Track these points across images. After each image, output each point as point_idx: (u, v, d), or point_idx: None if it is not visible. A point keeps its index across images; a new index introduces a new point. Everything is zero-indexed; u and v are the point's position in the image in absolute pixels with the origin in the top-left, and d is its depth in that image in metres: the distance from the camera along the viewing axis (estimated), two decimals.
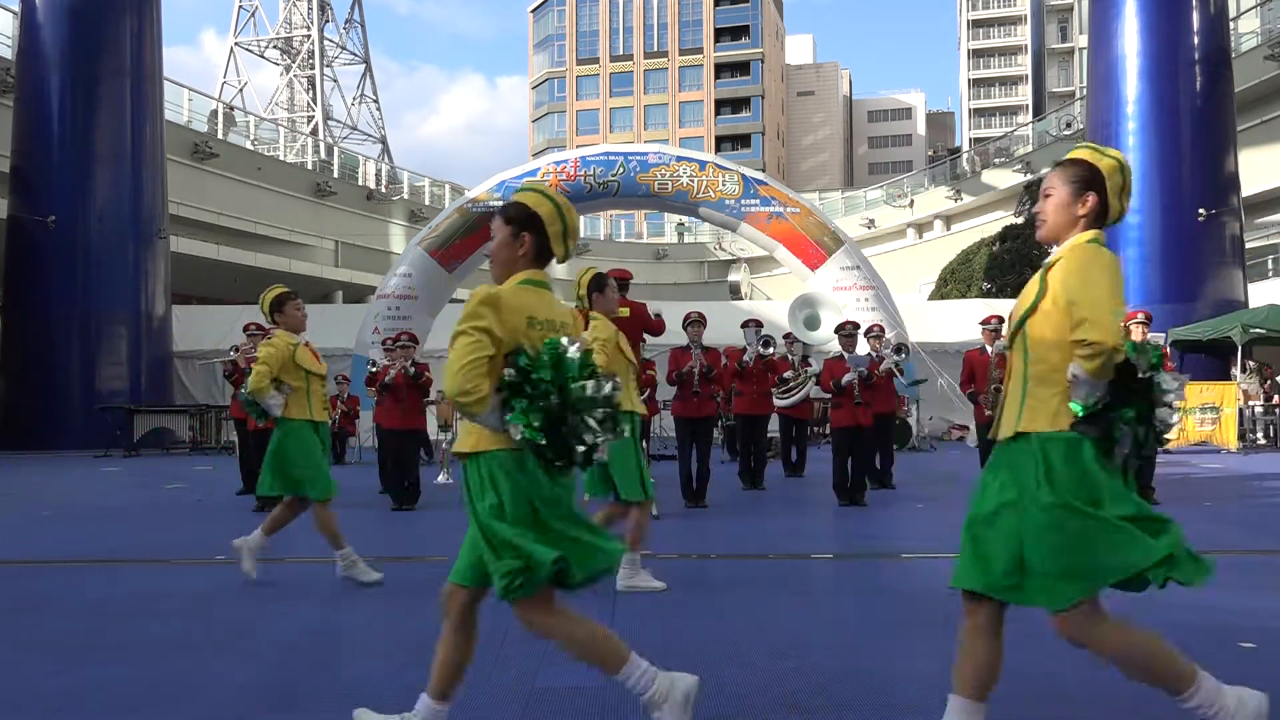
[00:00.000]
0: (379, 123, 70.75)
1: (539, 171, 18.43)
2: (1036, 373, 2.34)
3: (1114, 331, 2.24)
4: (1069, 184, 2.43)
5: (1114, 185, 2.44)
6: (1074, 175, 2.45)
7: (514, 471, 2.49)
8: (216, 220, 27.83)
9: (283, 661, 3.71)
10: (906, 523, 7.84)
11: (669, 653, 3.69)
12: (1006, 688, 3.29)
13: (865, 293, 17.59)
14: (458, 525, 7.50)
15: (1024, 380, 2.37)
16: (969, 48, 77.79)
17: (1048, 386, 2.32)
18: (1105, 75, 19.94)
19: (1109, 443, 2.28)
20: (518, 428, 2.43)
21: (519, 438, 2.44)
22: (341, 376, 15.46)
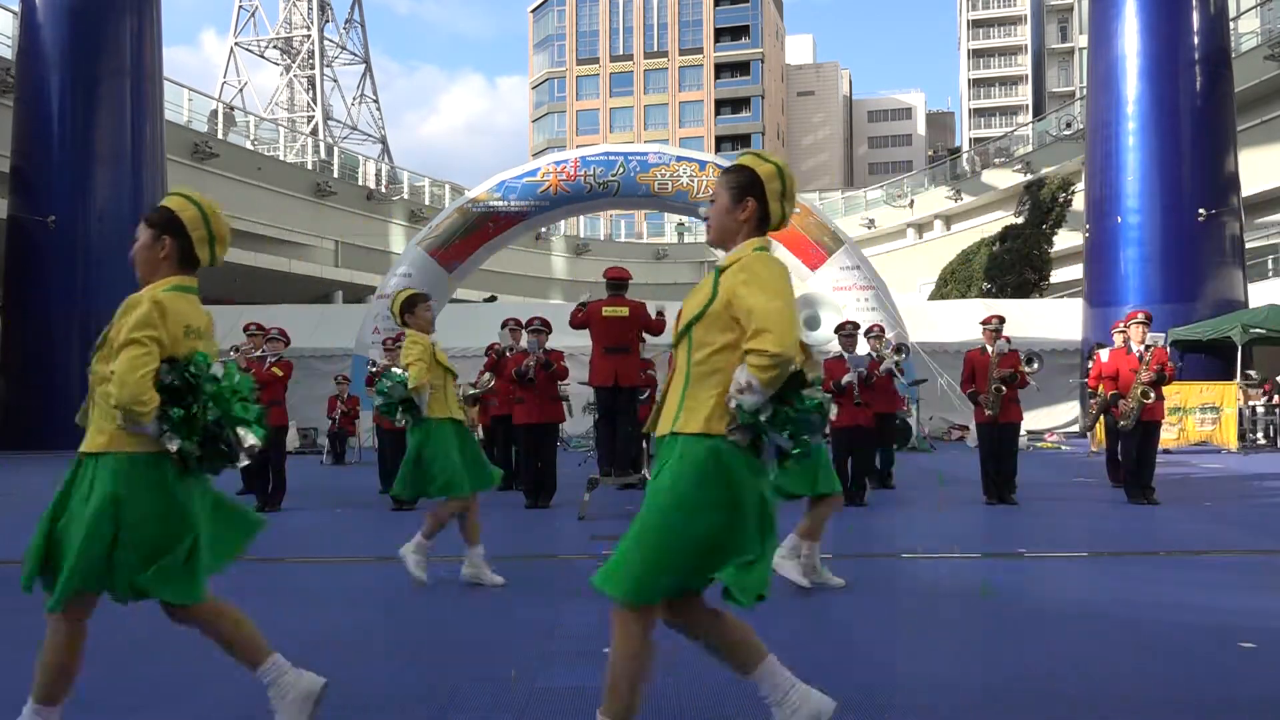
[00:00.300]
0: (379, 123, 70.80)
1: (539, 171, 18.42)
2: (698, 374, 2.38)
3: (791, 342, 2.33)
4: (729, 190, 2.49)
5: (773, 190, 2.49)
6: (734, 181, 2.50)
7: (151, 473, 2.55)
8: None
9: None
10: (906, 523, 7.84)
11: (669, 653, 3.69)
12: (1008, 688, 3.29)
13: (865, 293, 17.58)
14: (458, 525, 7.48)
15: (685, 381, 2.40)
16: (969, 48, 77.79)
17: (707, 389, 2.36)
18: (1105, 75, 19.92)
19: (756, 451, 2.37)
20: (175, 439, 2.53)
21: (174, 447, 2.53)
22: (341, 376, 15.46)
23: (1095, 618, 4.21)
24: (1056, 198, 30.41)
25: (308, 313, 21.67)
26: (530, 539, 7.08)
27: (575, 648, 3.80)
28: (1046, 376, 8.92)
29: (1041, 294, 29.63)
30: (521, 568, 5.86)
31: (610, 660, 2.42)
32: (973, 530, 7.45)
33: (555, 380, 8.98)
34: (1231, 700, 3.13)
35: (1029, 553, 5.87)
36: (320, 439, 16.49)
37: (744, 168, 2.52)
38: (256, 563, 6.08)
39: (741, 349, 2.32)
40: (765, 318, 2.29)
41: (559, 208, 18.77)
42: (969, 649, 3.85)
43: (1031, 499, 8.70)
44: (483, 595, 5.01)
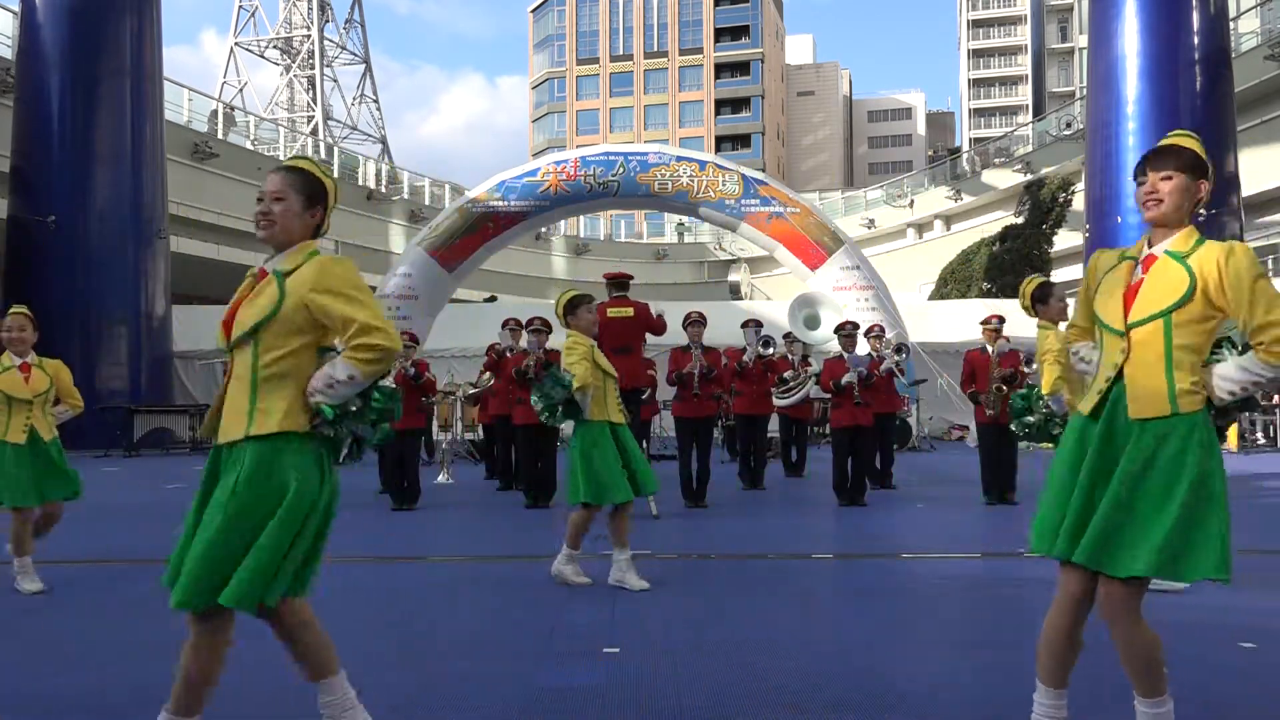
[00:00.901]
0: (379, 123, 70.78)
1: (539, 171, 18.42)
2: (268, 377, 2.39)
3: (395, 333, 2.41)
4: (302, 194, 2.51)
5: (331, 205, 2.59)
6: (308, 187, 2.53)
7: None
8: (216, 220, 27.82)
9: (282, 662, 3.70)
10: (906, 523, 7.84)
11: (669, 653, 3.69)
12: (1008, 688, 3.29)
13: (865, 293, 17.58)
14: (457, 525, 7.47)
15: (253, 385, 2.39)
16: (969, 48, 77.78)
17: (280, 391, 2.39)
18: (1105, 75, 19.93)
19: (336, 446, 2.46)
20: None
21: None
22: None
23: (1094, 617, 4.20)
24: (1056, 198, 30.41)
25: None
26: (530, 539, 7.07)
27: (575, 648, 3.80)
28: None
29: None
30: (521, 568, 5.86)
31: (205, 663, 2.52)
32: (973, 530, 7.45)
33: None
34: (1231, 700, 3.13)
35: (1029, 553, 5.87)
36: None
37: (315, 178, 2.55)
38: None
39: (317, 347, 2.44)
40: (371, 317, 2.37)
41: (559, 208, 18.77)
42: (969, 649, 3.85)
43: (1031, 499, 8.68)
44: (483, 595, 5.01)
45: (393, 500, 8.82)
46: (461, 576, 5.61)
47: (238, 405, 2.40)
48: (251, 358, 2.40)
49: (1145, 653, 2.42)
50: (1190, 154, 2.43)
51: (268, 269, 2.50)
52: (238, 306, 2.45)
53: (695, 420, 8.86)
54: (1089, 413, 2.45)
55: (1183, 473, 2.31)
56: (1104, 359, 2.47)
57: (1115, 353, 2.42)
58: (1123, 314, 2.41)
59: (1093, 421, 2.44)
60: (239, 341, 2.41)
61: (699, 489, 8.72)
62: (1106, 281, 2.50)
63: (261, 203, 2.51)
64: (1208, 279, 2.33)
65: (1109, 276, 2.50)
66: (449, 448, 12.35)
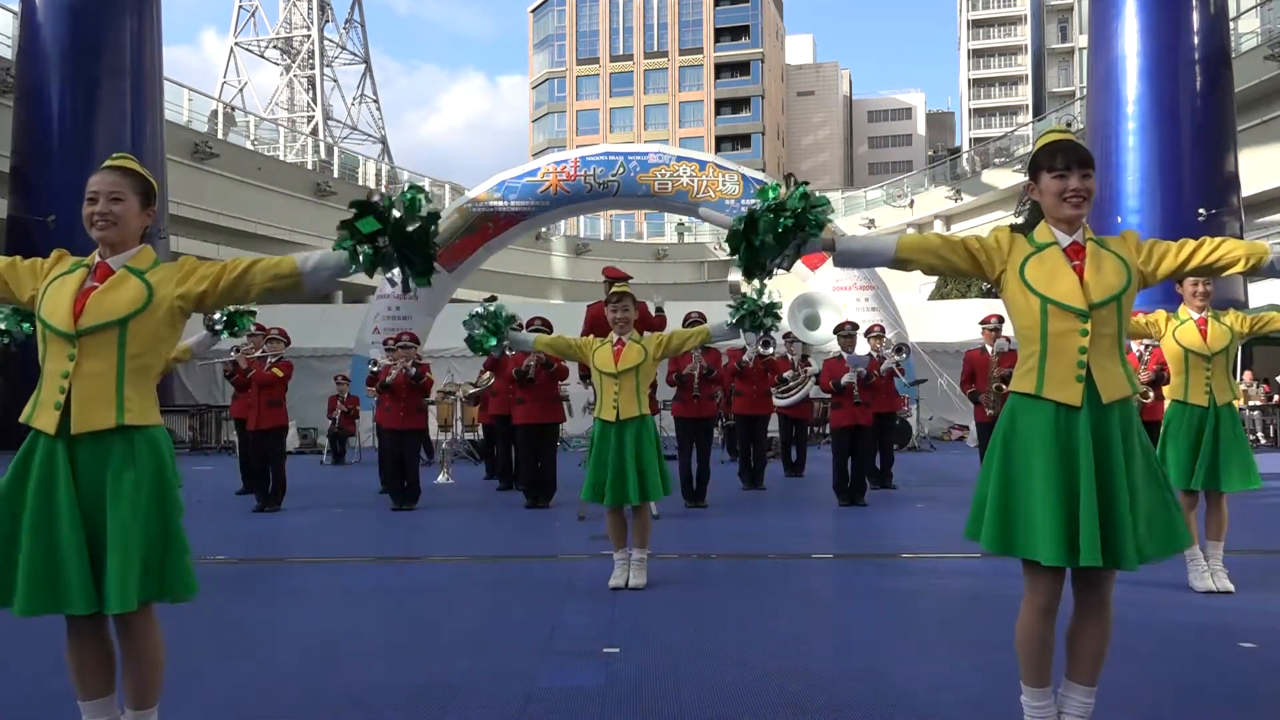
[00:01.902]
0: (379, 123, 70.76)
1: (539, 171, 18.41)
2: (135, 369, 2.43)
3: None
4: (140, 194, 2.54)
5: (155, 209, 2.62)
6: (145, 188, 2.56)
7: None
8: (216, 220, 27.82)
9: (282, 661, 3.71)
10: (906, 523, 7.84)
11: (669, 653, 3.69)
12: (1009, 688, 3.29)
13: (865, 293, 17.58)
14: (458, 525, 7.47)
15: (120, 374, 2.41)
16: (969, 48, 77.75)
17: (144, 380, 2.46)
18: (1105, 75, 19.92)
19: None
20: None
21: None
22: (341, 376, 15.44)
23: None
24: None
25: (308, 313, 21.62)
26: (530, 539, 7.07)
27: (575, 648, 3.80)
28: None
29: None
30: (521, 568, 5.86)
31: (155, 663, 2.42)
32: None
33: (555, 380, 8.99)
34: (1231, 700, 3.13)
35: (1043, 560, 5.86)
36: (320, 439, 16.49)
37: (147, 179, 2.56)
38: (257, 563, 6.10)
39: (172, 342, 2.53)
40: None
41: (559, 208, 18.76)
42: (969, 649, 3.85)
43: None
44: (482, 595, 5.01)
45: (393, 500, 8.82)
46: (461, 576, 5.61)
47: (100, 394, 2.37)
48: (118, 348, 2.39)
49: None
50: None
51: (113, 266, 2.46)
52: (89, 294, 2.39)
53: (695, 420, 8.86)
54: (1069, 401, 2.42)
55: (1149, 452, 2.47)
56: (1053, 342, 2.45)
57: (1073, 334, 2.44)
58: (1081, 294, 2.44)
59: (1073, 410, 2.42)
60: (96, 330, 2.37)
61: (699, 489, 8.72)
62: (1040, 263, 2.51)
63: (96, 202, 2.46)
64: (1130, 257, 2.52)
65: (1039, 257, 2.52)
66: (449, 448, 12.34)
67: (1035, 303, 2.48)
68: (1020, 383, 2.53)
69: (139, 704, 2.43)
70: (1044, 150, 2.55)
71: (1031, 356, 2.50)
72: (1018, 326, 2.56)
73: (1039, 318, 2.48)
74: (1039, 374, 2.47)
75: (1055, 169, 2.52)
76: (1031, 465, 2.43)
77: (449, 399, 13.40)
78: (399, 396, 8.88)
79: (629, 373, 4.94)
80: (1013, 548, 2.46)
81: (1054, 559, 2.37)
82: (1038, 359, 2.48)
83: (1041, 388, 2.46)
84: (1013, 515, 2.46)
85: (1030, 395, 2.48)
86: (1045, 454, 2.42)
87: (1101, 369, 2.43)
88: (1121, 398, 2.44)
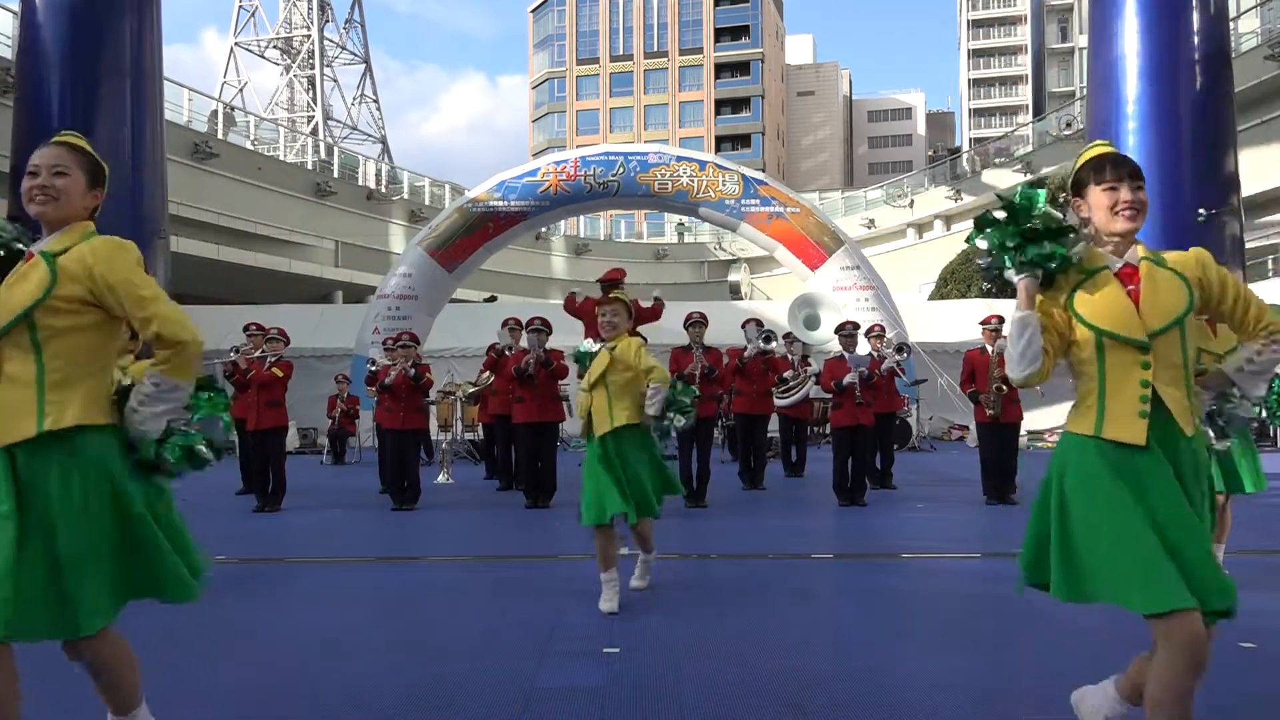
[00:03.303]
0: (379, 123, 70.76)
1: (539, 171, 18.41)
2: (54, 366, 2.17)
3: (194, 326, 2.24)
4: (88, 172, 2.37)
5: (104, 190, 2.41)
6: (93, 166, 2.40)
7: None
8: (216, 220, 27.81)
9: (282, 661, 3.71)
10: (906, 523, 7.84)
11: (669, 653, 3.69)
12: (1008, 688, 3.29)
13: (865, 293, 17.57)
14: (458, 525, 7.47)
15: (39, 376, 2.15)
16: (969, 48, 77.74)
17: (71, 379, 2.17)
18: (1105, 75, 19.91)
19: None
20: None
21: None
22: (341, 376, 15.45)
23: (1095, 617, 4.20)
24: (1056, 198, 30.27)
25: (308, 313, 21.66)
26: (530, 539, 7.07)
27: (575, 648, 3.80)
28: None
29: None
30: (521, 568, 5.86)
31: None
32: (973, 530, 7.45)
33: (555, 379, 8.99)
34: (1231, 700, 3.13)
35: (1185, 608, 5.85)
36: (320, 439, 16.49)
37: (96, 158, 2.38)
38: (257, 563, 6.10)
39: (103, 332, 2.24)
40: (168, 311, 2.22)
41: (559, 208, 18.76)
42: (969, 649, 3.85)
43: (1031, 499, 8.69)
44: (482, 595, 5.01)
45: (393, 500, 8.82)
46: (461, 576, 5.61)
47: (19, 401, 2.12)
48: (31, 348, 2.14)
49: None
50: None
51: (34, 251, 2.24)
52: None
53: (695, 420, 8.85)
54: (1133, 440, 2.20)
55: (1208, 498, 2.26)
56: (1113, 375, 2.24)
57: (1135, 367, 2.22)
58: (1139, 323, 2.22)
59: (1142, 451, 2.20)
60: (7, 329, 2.14)
61: (699, 489, 8.72)
62: (1090, 290, 2.30)
63: (36, 176, 2.25)
64: (1194, 281, 2.29)
65: (1090, 284, 2.30)
66: (449, 448, 12.34)
67: (1089, 336, 2.27)
68: (1077, 423, 2.31)
69: (122, 709, 2.31)
70: (1089, 164, 2.40)
71: (1090, 394, 2.29)
72: (1073, 360, 2.35)
73: (1094, 351, 2.27)
74: (1098, 413, 2.26)
75: (1105, 181, 2.37)
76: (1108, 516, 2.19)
77: (449, 399, 13.40)
78: (399, 397, 8.88)
79: (599, 384, 4.64)
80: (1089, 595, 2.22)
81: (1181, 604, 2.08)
82: (1096, 397, 2.27)
83: (1101, 428, 2.24)
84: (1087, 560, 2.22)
85: (1089, 436, 2.26)
86: (1111, 494, 2.19)
87: (1173, 401, 2.21)
88: (1191, 433, 2.23)
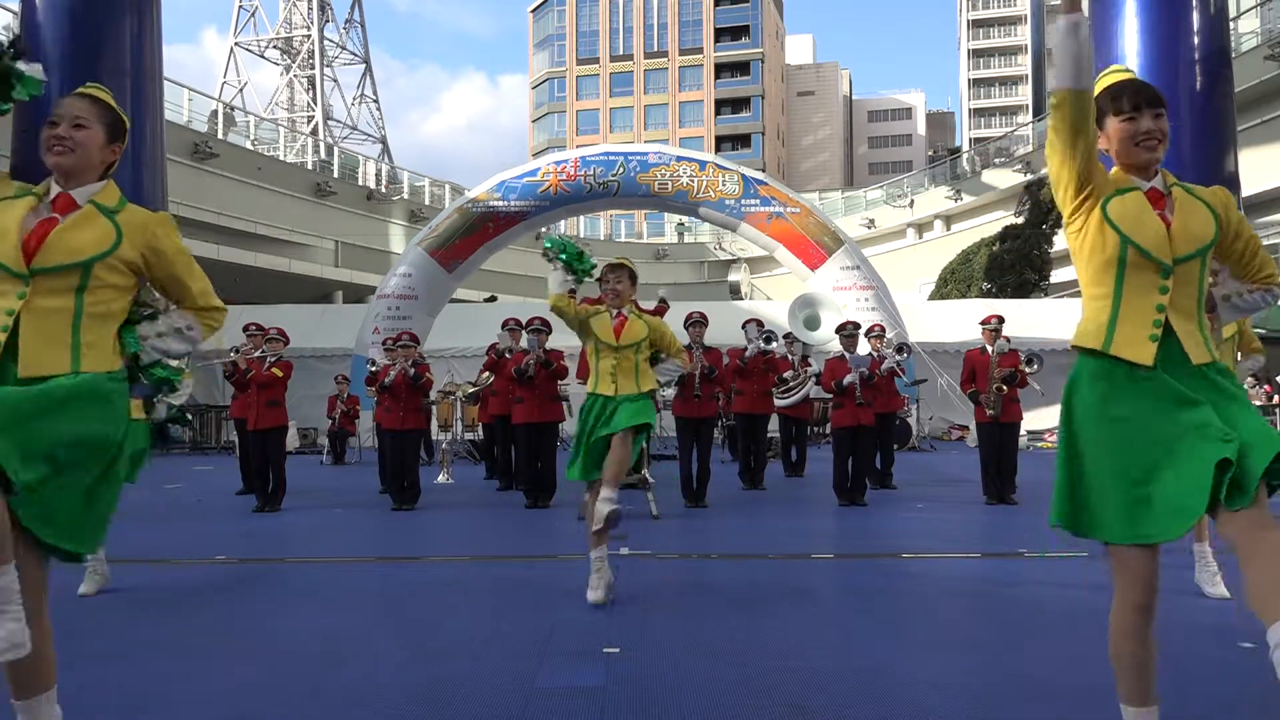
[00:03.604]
0: (379, 123, 70.76)
1: (539, 171, 18.41)
2: (95, 313, 2.20)
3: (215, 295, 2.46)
4: (106, 125, 2.32)
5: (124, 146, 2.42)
6: (113, 118, 2.34)
7: None
8: (216, 220, 27.82)
9: (282, 661, 3.71)
10: (906, 523, 7.84)
11: (669, 653, 3.69)
12: (1008, 688, 3.29)
13: (865, 293, 17.58)
14: (458, 525, 7.47)
15: (77, 318, 2.17)
16: (969, 48, 77.78)
17: (104, 326, 2.22)
18: None
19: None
20: None
21: None
22: (341, 376, 15.45)
23: (1095, 617, 4.20)
24: None
25: (308, 313, 21.67)
26: (530, 539, 7.07)
27: (575, 648, 3.80)
28: (1046, 376, 8.92)
29: (1043, 294, 29.64)
30: (521, 568, 5.86)
31: None
32: (973, 530, 7.45)
33: (555, 380, 8.99)
34: (1232, 700, 3.13)
35: (1029, 553, 5.88)
36: (320, 439, 16.50)
37: (117, 112, 2.35)
38: (257, 563, 6.10)
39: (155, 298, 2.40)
40: (210, 290, 2.45)
41: (559, 208, 18.76)
42: (969, 649, 3.85)
43: (1031, 499, 8.70)
44: (482, 595, 5.01)
45: (393, 500, 8.82)
46: (461, 576, 5.61)
47: (54, 335, 2.13)
48: (76, 291, 2.17)
49: None
50: None
51: (77, 199, 2.24)
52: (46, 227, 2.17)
53: (695, 420, 8.86)
54: (1141, 360, 2.13)
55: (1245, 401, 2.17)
56: (1130, 293, 2.17)
57: (1153, 290, 2.15)
58: (1168, 245, 2.14)
59: (1147, 371, 2.13)
60: (56, 271, 2.14)
61: (699, 489, 8.72)
62: (1123, 203, 2.19)
63: (57, 126, 2.25)
64: (1221, 215, 2.23)
65: (1122, 198, 2.20)
66: (449, 448, 12.35)
67: (1114, 242, 2.16)
68: (1086, 337, 2.22)
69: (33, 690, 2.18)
70: (1106, 93, 2.24)
71: (1101, 312, 2.21)
72: (1088, 272, 2.24)
73: (1117, 263, 2.17)
74: (1109, 329, 2.18)
75: (1123, 111, 2.21)
76: (1099, 434, 2.17)
77: (449, 399, 13.40)
78: (399, 397, 8.88)
79: (629, 349, 4.67)
80: (1084, 529, 2.21)
81: (1170, 533, 2.05)
82: (1109, 314, 2.19)
83: (1109, 344, 2.17)
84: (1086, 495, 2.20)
85: (1096, 352, 2.19)
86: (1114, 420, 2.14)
87: (1184, 331, 2.15)
88: (1205, 363, 2.15)
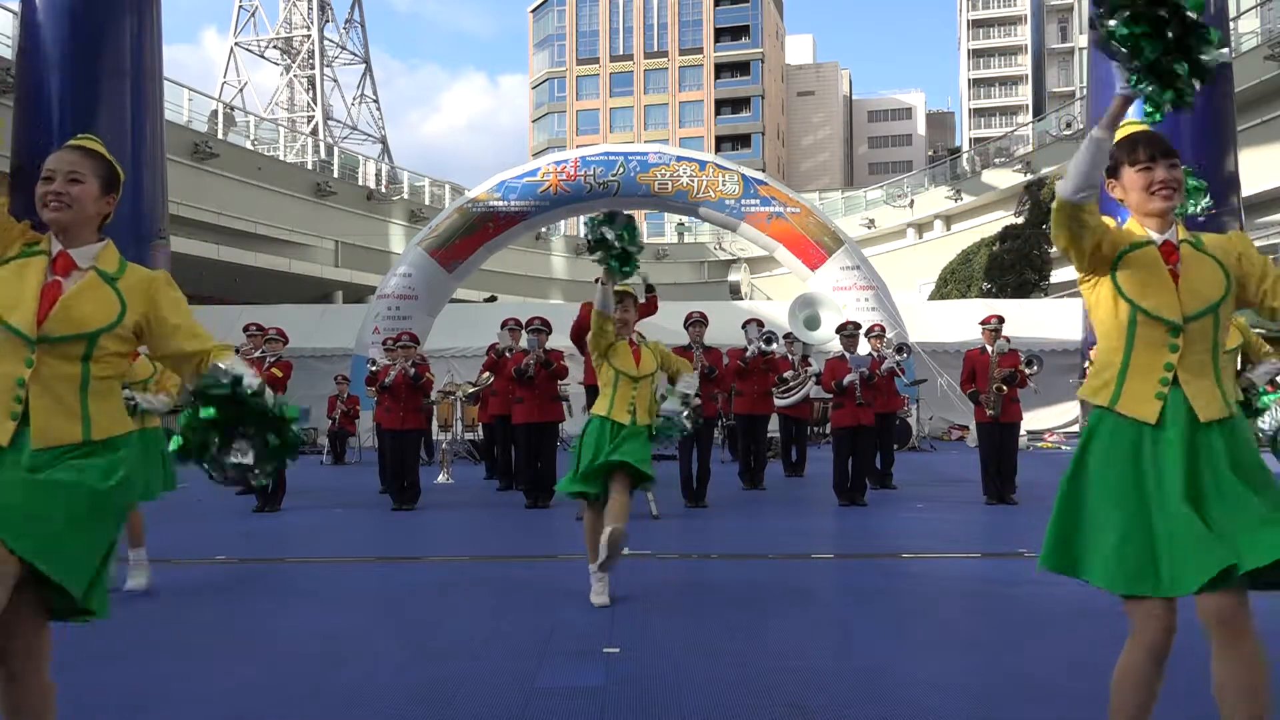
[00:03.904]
0: (379, 123, 70.74)
1: (539, 171, 18.41)
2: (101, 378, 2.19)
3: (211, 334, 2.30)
4: (100, 178, 2.30)
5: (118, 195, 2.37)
6: (107, 171, 2.32)
7: None
8: (216, 220, 27.80)
9: (282, 662, 3.71)
10: (906, 523, 7.84)
11: (669, 653, 3.69)
12: (1008, 688, 3.30)
13: (865, 293, 17.57)
14: (458, 525, 7.48)
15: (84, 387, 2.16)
16: (969, 48, 77.75)
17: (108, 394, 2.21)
18: (1105, 75, 19.88)
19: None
20: None
21: None
22: (341, 376, 15.45)
23: (1095, 617, 4.20)
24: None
25: (308, 313, 21.66)
26: (530, 539, 7.08)
27: (575, 648, 3.80)
28: (1046, 376, 8.93)
29: (1043, 294, 29.64)
30: (522, 568, 5.86)
31: None
32: (973, 530, 7.45)
33: (555, 380, 8.99)
34: None
35: (1029, 553, 5.88)
36: (320, 439, 16.49)
37: (111, 163, 2.33)
38: (257, 563, 6.10)
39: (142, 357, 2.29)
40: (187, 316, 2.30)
41: (559, 208, 18.76)
42: (969, 649, 3.85)
43: (1031, 499, 8.70)
44: (482, 595, 5.01)
45: (393, 500, 8.82)
46: (461, 576, 5.61)
47: (63, 406, 2.12)
48: (82, 360, 2.15)
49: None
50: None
51: (78, 262, 2.22)
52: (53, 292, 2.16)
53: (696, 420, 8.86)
54: (1145, 418, 2.19)
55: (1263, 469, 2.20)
56: (1139, 350, 2.23)
57: (1163, 348, 2.21)
58: (1177, 305, 2.21)
59: (1153, 428, 2.19)
60: (64, 340, 2.13)
61: (699, 489, 8.72)
62: (1134, 263, 2.27)
63: (51, 181, 2.24)
64: (1232, 267, 2.26)
65: (1134, 256, 2.28)
66: (449, 448, 12.35)
67: (1125, 310, 2.25)
68: (1096, 393, 2.28)
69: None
70: (1122, 144, 2.34)
71: (1110, 367, 2.28)
72: (1100, 326, 2.32)
73: (1126, 327, 2.25)
74: (1116, 387, 2.25)
75: (1139, 161, 2.33)
76: (1100, 487, 2.22)
77: (449, 399, 13.40)
78: (399, 397, 8.88)
79: (648, 379, 4.82)
80: (1071, 568, 2.28)
81: (1134, 589, 2.20)
82: (1117, 371, 2.26)
83: (1116, 400, 2.24)
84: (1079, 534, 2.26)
85: (1106, 409, 2.26)
86: (1119, 474, 2.19)
87: (1194, 388, 2.19)
88: (1218, 418, 2.18)
